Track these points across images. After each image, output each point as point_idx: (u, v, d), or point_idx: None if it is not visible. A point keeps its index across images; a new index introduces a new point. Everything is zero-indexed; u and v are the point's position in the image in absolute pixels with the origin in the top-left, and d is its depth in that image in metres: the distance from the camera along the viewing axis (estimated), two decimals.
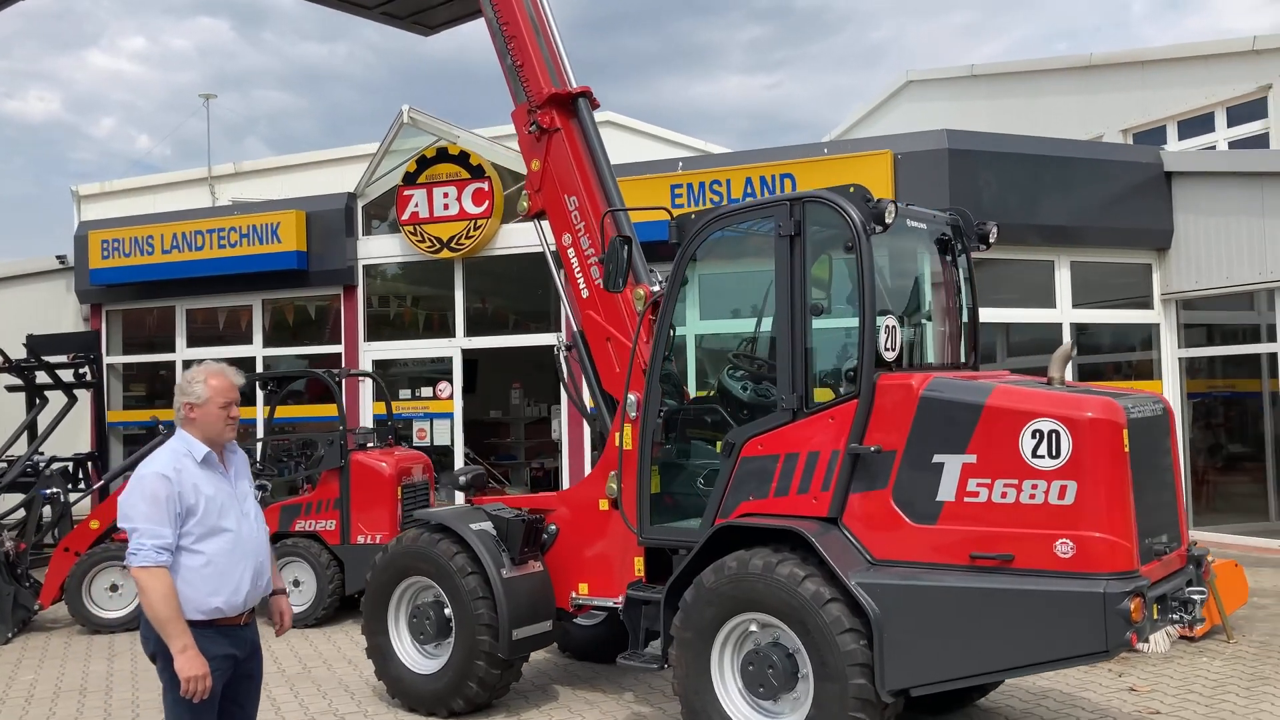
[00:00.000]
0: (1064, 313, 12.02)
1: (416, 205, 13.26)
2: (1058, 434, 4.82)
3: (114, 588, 9.29)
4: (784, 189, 11.40)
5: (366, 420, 13.65)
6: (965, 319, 6.19)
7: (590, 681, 7.27)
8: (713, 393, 6.60)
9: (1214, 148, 16.40)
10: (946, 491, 5.06)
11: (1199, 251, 12.07)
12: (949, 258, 6.11)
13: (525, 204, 7.28)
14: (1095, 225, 11.82)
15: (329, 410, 13.46)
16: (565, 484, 12.91)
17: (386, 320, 14.51)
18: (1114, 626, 4.61)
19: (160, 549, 3.94)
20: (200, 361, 4.49)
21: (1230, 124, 17.25)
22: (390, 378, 13.72)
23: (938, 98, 22.66)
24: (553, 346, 7.28)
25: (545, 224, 7.36)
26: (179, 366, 14.69)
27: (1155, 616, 4.84)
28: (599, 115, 17.90)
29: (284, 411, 12.45)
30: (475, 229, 13.01)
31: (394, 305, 14.85)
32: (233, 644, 4.13)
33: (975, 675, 5.01)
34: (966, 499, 5.01)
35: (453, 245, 13.13)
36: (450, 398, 13.56)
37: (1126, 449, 4.82)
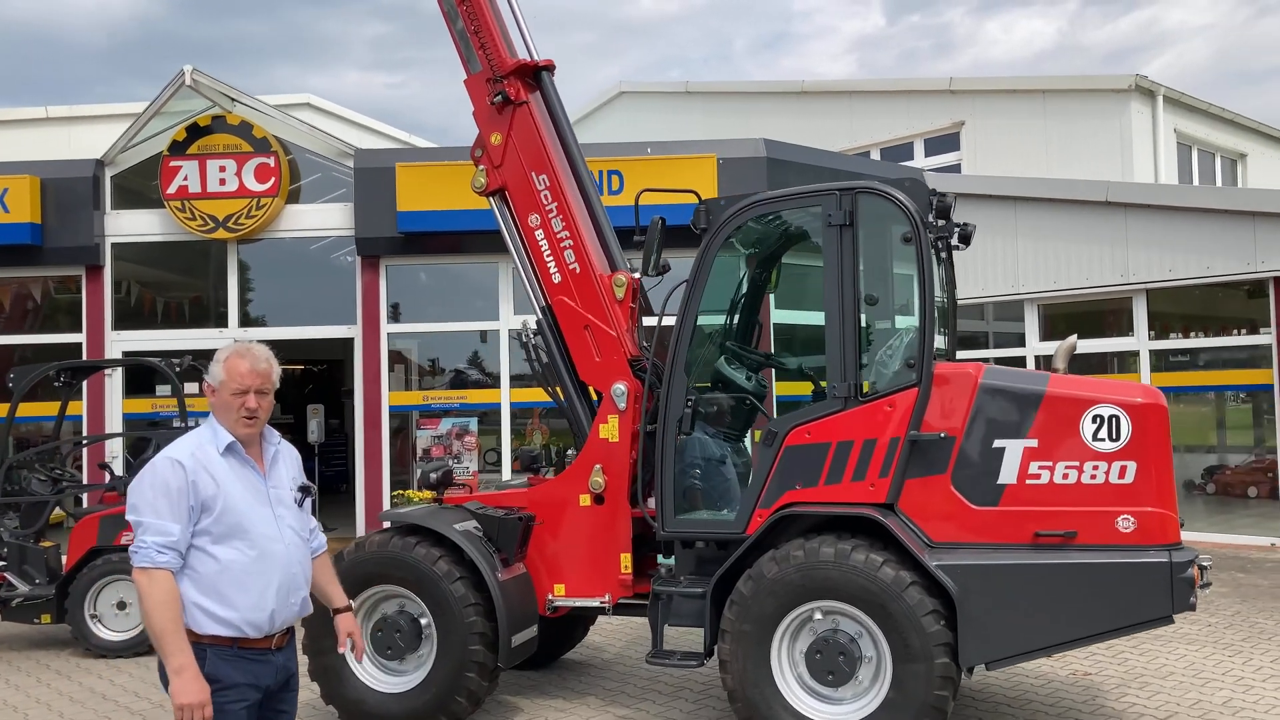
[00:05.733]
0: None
1: (186, 178, 11.85)
2: (1117, 418, 5.23)
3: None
4: (612, 184, 11.38)
5: (115, 422, 12.00)
6: (948, 311, 6.52)
7: (540, 688, 6.87)
8: (706, 382, 6.47)
9: None
10: (1008, 475, 5.32)
11: (956, 265, 13.40)
12: (940, 254, 6.40)
13: (482, 179, 6.75)
14: None
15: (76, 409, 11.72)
16: (360, 493, 12.04)
17: (138, 307, 12.77)
18: (1179, 592, 5.08)
19: (164, 548, 3.31)
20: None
21: (928, 154, 19.35)
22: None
23: (651, 109, 23.49)
24: (519, 331, 6.79)
25: (488, 200, 6.90)
26: None
27: None
28: (294, 97, 16.53)
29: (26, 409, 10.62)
30: (258, 208, 11.84)
31: (134, 290, 13.11)
32: (257, 672, 3.48)
33: (1047, 647, 5.30)
34: (1028, 481, 5.30)
35: (230, 225, 11.86)
36: None
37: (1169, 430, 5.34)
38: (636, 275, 6.54)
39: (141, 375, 12.03)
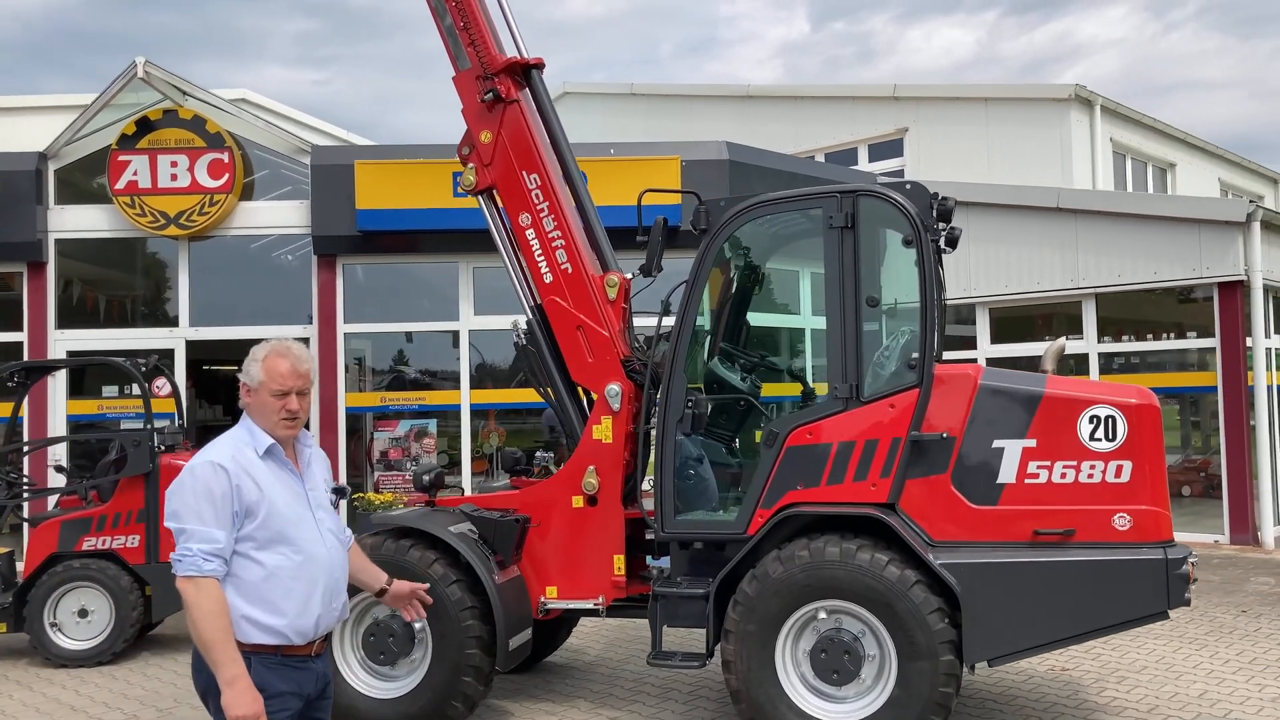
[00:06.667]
0: (805, 319, 13.03)
1: (136, 173, 11.52)
2: (1114, 419, 5.35)
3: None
4: None
5: (58, 424, 11.62)
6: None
7: (527, 692, 6.81)
8: (699, 383, 6.46)
9: None
10: (1007, 474, 5.41)
11: None
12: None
13: (471, 178, 6.68)
14: None
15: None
16: None
17: (80, 305, 12.37)
18: (1175, 588, 5.21)
19: (210, 555, 3.22)
20: None
21: (871, 159, 19.59)
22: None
23: (596, 111, 23.45)
24: (511, 331, 6.71)
25: (480, 198, 6.83)
26: None
27: None
28: (231, 92, 16.24)
29: None
30: (211, 204, 11.56)
31: (78, 287, 12.70)
32: (300, 680, 3.42)
33: (1048, 644, 5.38)
34: (1027, 480, 5.39)
35: (182, 222, 11.56)
36: (170, 396, 11.85)
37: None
38: (628, 276, 6.53)
39: (85, 376, 11.69)
